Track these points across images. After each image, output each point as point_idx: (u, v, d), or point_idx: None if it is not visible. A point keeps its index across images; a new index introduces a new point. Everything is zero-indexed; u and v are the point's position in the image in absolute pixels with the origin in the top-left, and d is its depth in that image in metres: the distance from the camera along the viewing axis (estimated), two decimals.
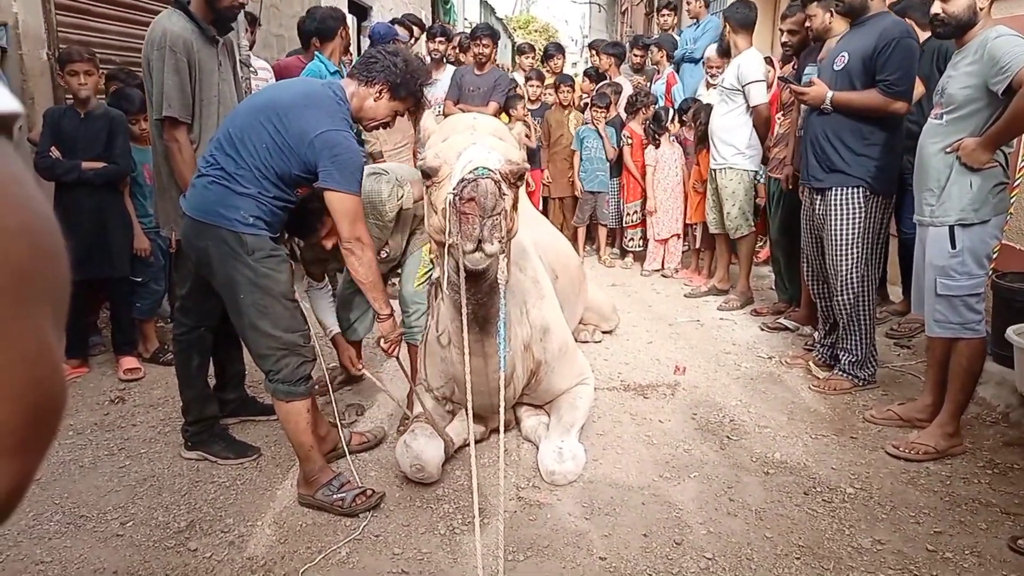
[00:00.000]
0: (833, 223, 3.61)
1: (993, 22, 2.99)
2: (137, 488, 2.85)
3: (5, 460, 0.30)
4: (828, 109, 3.56)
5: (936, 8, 2.96)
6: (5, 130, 0.30)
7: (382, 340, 2.93)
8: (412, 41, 6.05)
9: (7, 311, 0.29)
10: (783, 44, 4.76)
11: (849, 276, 3.62)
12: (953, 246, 3.00)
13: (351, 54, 5.47)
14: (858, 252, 3.58)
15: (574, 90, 6.68)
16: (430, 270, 3.36)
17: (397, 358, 3.13)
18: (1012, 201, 3.86)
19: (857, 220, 3.56)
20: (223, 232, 2.52)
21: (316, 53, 4.85)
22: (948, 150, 2.99)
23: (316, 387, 2.90)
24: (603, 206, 6.48)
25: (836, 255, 3.63)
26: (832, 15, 3.94)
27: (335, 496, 2.69)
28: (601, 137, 6.28)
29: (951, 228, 3.00)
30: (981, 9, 2.92)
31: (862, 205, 3.55)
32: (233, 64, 3.41)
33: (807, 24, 4.08)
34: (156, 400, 3.65)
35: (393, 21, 6.24)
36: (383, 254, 3.29)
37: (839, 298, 3.70)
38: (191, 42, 3.04)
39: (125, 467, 3.00)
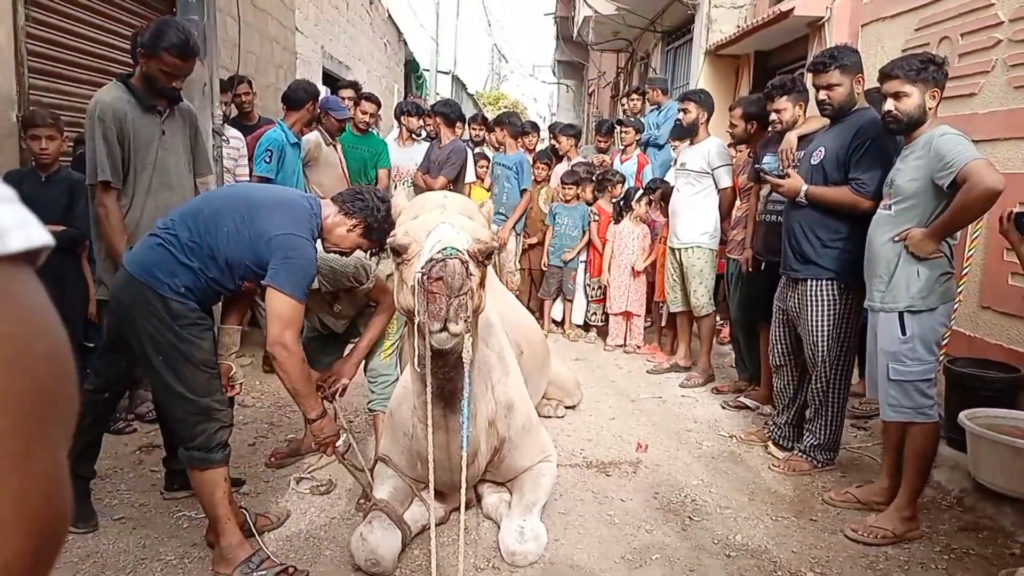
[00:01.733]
0: (808, 314, 3.67)
1: (939, 121, 3.18)
2: (79, 565, 2.72)
3: None
4: (803, 202, 3.65)
5: (889, 106, 3.12)
6: (32, 261, 0.32)
7: (314, 442, 2.86)
8: (373, 118, 6.19)
9: (34, 435, 0.30)
10: (731, 134, 5.03)
11: (823, 365, 3.68)
12: (903, 332, 3.10)
13: (316, 127, 5.54)
14: (832, 342, 3.64)
15: (550, 167, 6.88)
16: (396, 341, 3.35)
17: (338, 456, 2.99)
18: (960, 289, 4.03)
19: (831, 312, 3.62)
20: (151, 293, 2.51)
21: (279, 121, 4.96)
22: (896, 239, 3.12)
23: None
24: (569, 280, 6.57)
25: (810, 344, 3.69)
26: (802, 109, 4.14)
27: (255, 574, 2.59)
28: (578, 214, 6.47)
29: (900, 314, 3.10)
30: (929, 109, 3.10)
31: (836, 298, 3.61)
32: (192, 132, 3.51)
33: (774, 118, 4.20)
34: (103, 470, 3.51)
35: (359, 96, 6.34)
36: (336, 308, 3.30)
37: (812, 384, 3.76)
38: (123, 111, 3.25)
39: (67, 543, 2.86)
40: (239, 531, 2.70)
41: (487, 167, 6.86)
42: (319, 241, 2.81)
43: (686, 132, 5.37)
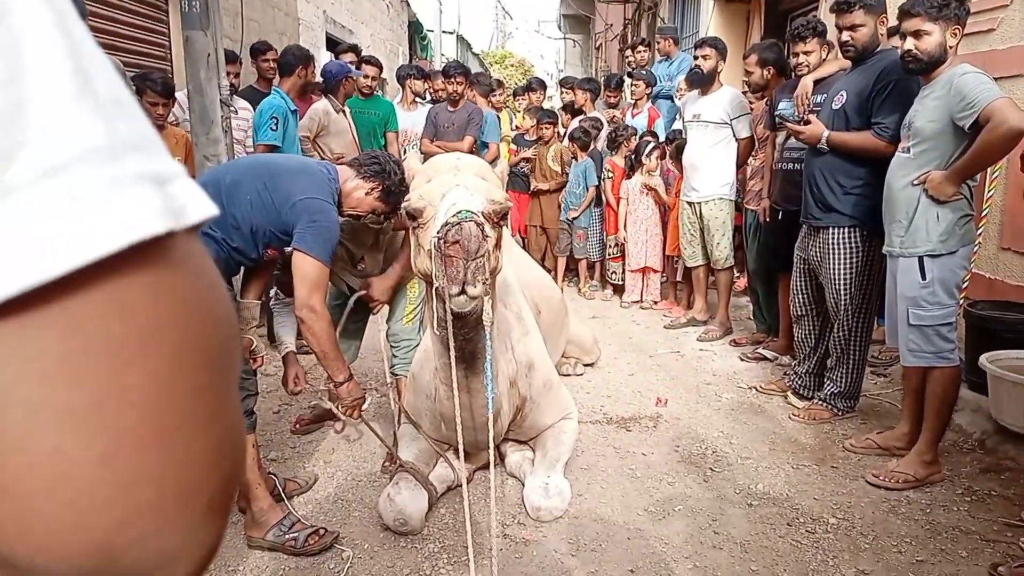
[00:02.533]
0: (830, 262, 3.64)
1: (959, 59, 3.10)
2: None
3: (219, 517, 0.35)
4: (824, 148, 3.60)
5: (909, 45, 3.03)
6: (197, 229, 0.35)
7: (338, 405, 2.86)
8: (376, 80, 6.14)
9: (225, 389, 0.35)
10: (746, 83, 4.92)
11: (845, 313, 3.66)
12: (923, 277, 3.07)
13: (318, 95, 5.49)
14: (855, 289, 3.61)
15: (555, 125, 6.82)
16: (419, 305, 3.38)
17: (364, 421, 3.02)
18: (980, 232, 3.98)
19: (854, 259, 3.59)
20: None
21: (274, 87, 4.96)
22: (915, 183, 3.07)
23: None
24: (576, 239, 6.56)
25: (833, 291, 3.67)
26: (829, 51, 4.03)
27: (287, 536, 2.66)
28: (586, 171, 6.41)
29: (920, 259, 3.07)
30: (950, 47, 3.02)
31: (858, 245, 3.57)
32: None
33: (800, 61, 4.04)
34: None
35: (360, 59, 6.27)
36: (360, 268, 3.32)
37: (834, 333, 3.75)
38: None
39: None
40: (269, 496, 2.76)
41: None
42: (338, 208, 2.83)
43: (706, 80, 5.17)
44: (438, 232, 2.25)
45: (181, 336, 0.32)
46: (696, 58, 5.24)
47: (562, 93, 7.05)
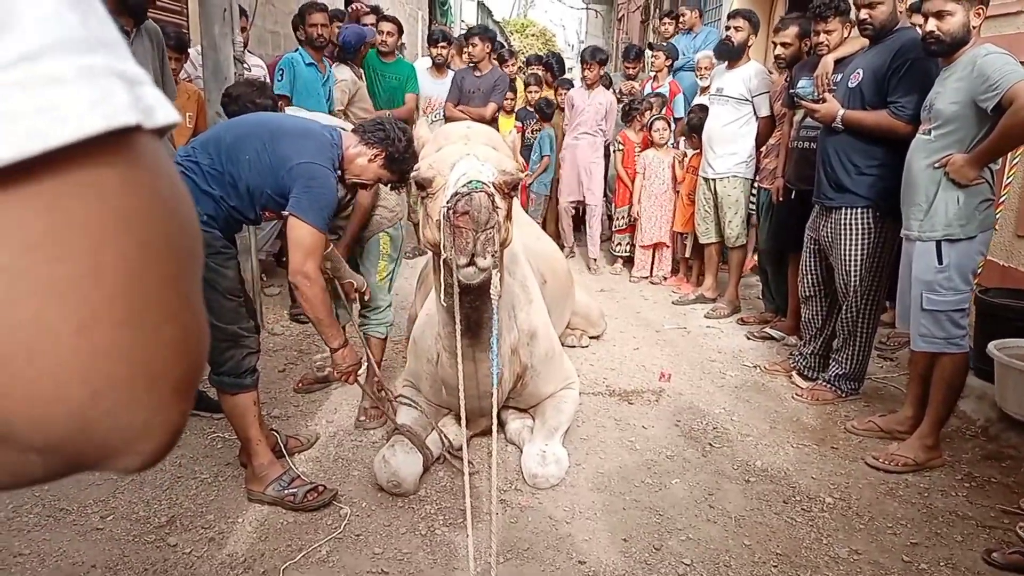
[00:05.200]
0: (842, 242, 3.60)
1: (982, 40, 3.02)
2: (118, 482, 2.84)
3: (183, 401, 0.38)
4: (839, 127, 3.54)
5: (931, 26, 2.96)
6: (162, 134, 0.38)
7: (334, 371, 2.85)
8: (397, 38, 6.04)
9: (190, 283, 0.38)
10: (776, 57, 4.80)
11: (855, 295, 3.62)
12: (940, 261, 3.03)
13: (335, 44, 5.44)
14: (865, 272, 3.57)
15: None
16: (393, 266, 3.39)
17: (360, 386, 3.04)
18: (997, 217, 3.92)
19: (866, 241, 3.54)
20: None
21: (299, 47, 4.95)
22: (936, 166, 3.02)
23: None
24: (542, 204, 6.82)
25: (843, 273, 3.63)
26: (850, 29, 3.94)
27: (286, 491, 2.69)
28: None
29: (938, 243, 3.03)
30: (973, 28, 2.95)
31: (871, 226, 3.52)
32: (160, 54, 3.42)
33: (820, 40, 3.99)
34: None
35: (379, 17, 6.17)
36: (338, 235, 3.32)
37: (842, 314, 3.72)
38: None
39: None
40: (270, 452, 2.79)
41: None
42: (339, 172, 2.79)
43: (735, 53, 5.03)
44: (447, 202, 2.23)
45: (150, 226, 0.35)
46: (728, 28, 5.11)
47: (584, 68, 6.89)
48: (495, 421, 2.38)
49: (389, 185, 2.97)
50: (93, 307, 0.33)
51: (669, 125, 5.94)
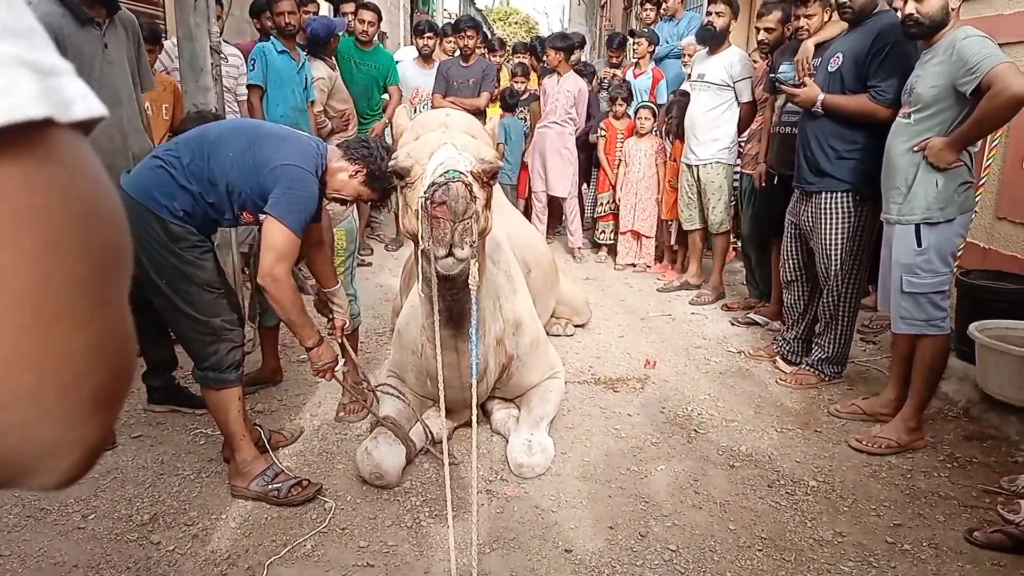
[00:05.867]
0: (822, 227, 3.60)
1: (961, 23, 3.03)
2: (100, 480, 2.81)
3: (102, 414, 0.36)
4: (819, 111, 3.53)
5: (910, 8, 2.95)
6: (87, 131, 0.36)
7: (312, 369, 2.83)
8: (374, 27, 5.95)
9: (110, 284, 0.36)
10: (759, 42, 4.79)
11: (835, 279, 3.64)
12: (919, 244, 3.04)
13: (315, 57, 5.39)
14: (846, 255, 3.58)
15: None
16: (348, 259, 3.40)
17: (339, 382, 3.03)
18: (977, 199, 3.94)
19: (846, 225, 3.55)
20: (149, 216, 2.50)
21: (271, 36, 4.92)
22: (915, 149, 3.02)
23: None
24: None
25: (824, 257, 3.64)
26: (831, 13, 3.93)
27: (270, 487, 2.67)
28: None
29: (917, 226, 3.04)
30: (952, 10, 2.95)
31: (851, 210, 3.53)
32: (135, 43, 3.39)
33: (801, 24, 3.96)
34: None
35: (358, 5, 6.06)
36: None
37: (823, 298, 3.73)
38: (57, 26, 3.04)
39: None
40: (254, 447, 2.77)
41: None
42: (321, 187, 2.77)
43: (718, 38, 5.01)
44: (425, 192, 2.21)
45: (59, 227, 0.33)
46: (709, 14, 5.11)
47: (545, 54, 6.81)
48: (475, 412, 2.38)
49: (369, 204, 2.94)
50: None
51: (654, 114, 5.92)
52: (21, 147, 0.31)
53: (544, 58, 7.34)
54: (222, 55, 4.37)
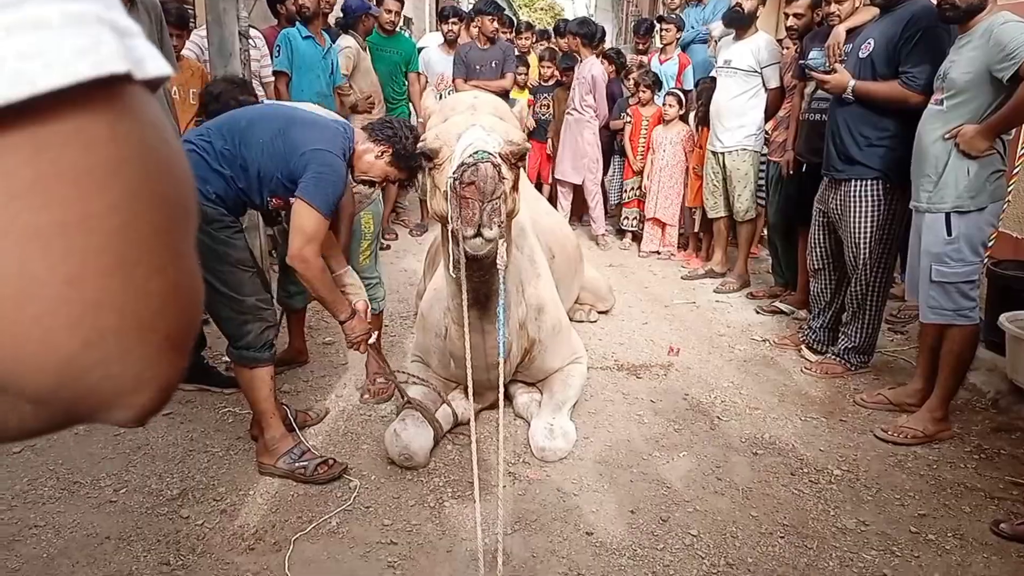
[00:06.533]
0: (851, 215, 3.56)
1: (999, 7, 2.96)
2: (131, 456, 2.88)
3: (175, 355, 0.38)
4: (849, 98, 3.49)
5: None
6: (154, 89, 0.38)
7: (346, 342, 2.86)
8: (398, 16, 5.97)
9: (182, 237, 0.38)
10: (788, 28, 4.73)
11: (864, 267, 3.59)
12: (949, 233, 3.00)
13: (346, 31, 5.41)
14: (875, 244, 3.54)
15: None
16: (373, 241, 3.41)
17: (372, 355, 3.06)
18: (1010, 189, 3.87)
19: (875, 213, 3.50)
20: None
21: (296, 22, 4.94)
22: (947, 136, 2.97)
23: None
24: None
25: (852, 246, 3.60)
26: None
27: (296, 464, 2.72)
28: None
29: (947, 215, 3.00)
30: None
31: (880, 198, 3.49)
32: (158, 27, 3.41)
33: (832, 10, 3.92)
34: None
35: None
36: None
37: (851, 287, 3.70)
38: None
39: (119, 435, 3.03)
40: (282, 426, 2.82)
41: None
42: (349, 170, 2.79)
43: (746, 21, 4.95)
44: (454, 173, 2.22)
45: (139, 177, 0.35)
46: None
47: (554, 41, 6.70)
48: (501, 390, 2.39)
49: (398, 183, 2.96)
50: (82, 257, 0.33)
51: (680, 102, 5.87)
52: (105, 100, 0.33)
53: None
54: (251, 40, 4.41)
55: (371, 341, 2.90)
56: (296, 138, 2.60)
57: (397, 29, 6.06)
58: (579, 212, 6.98)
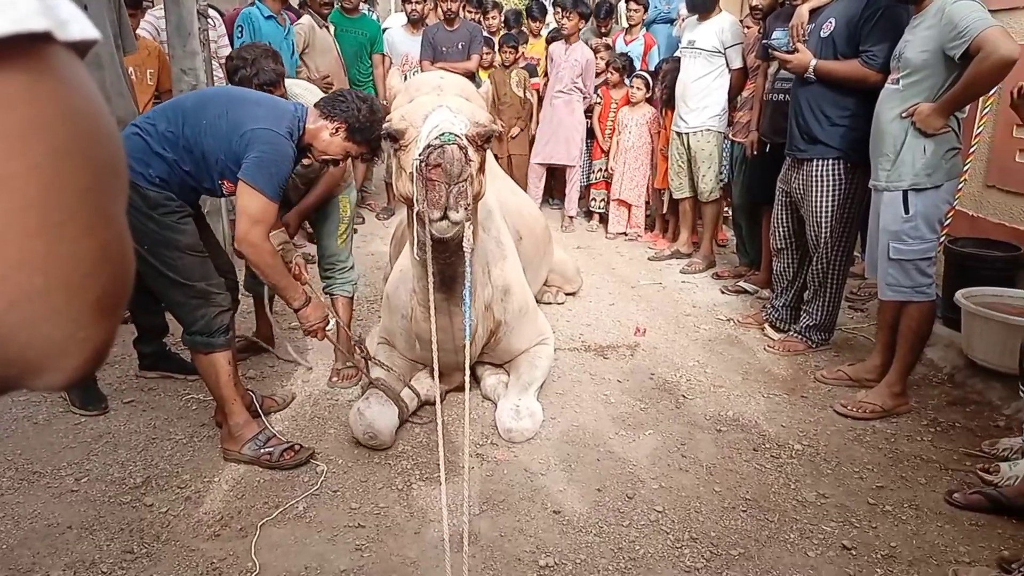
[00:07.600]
0: (813, 194, 3.61)
1: None
2: (92, 445, 2.83)
3: (106, 318, 0.38)
4: (811, 78, 3.52)
5: None
6: (82, 54, 0.37)
7: (302, 329, 2.83)
8: None
9: (110, 199, 0.37)
10: (752, 8, 4.75)
11: (825, 246, 3.65)
12: (906, 211, 3.06)
13: (305, 9, 5.32)
14: (836, 223, 3.59)
15: (516, 51, 6.52)
16: (350, 224, 3.38)
17: (330, 341, 3.01)
18: (966, 168, 3.95)
19: (836, 192, 3.55)
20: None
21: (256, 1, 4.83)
22: (903, 115, 3.02)
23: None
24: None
25: (814, 224, 3.65)
26: None
27: (262, 451, 2.70)
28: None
29: (904, 193, 3.05)
30: None
31: (842, 177, 3.53)
32: (115, 3, 3.33)
33: None
34: (112, 357, 3.60)
35: None
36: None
37: (812, 266, 3.75)
38: None
39: (80, 424, 2.98)
40: (246, 411, 2.79)
41: None
42: (309, 151, 2.74)
43: (709, 4, 4.98)
44: (420, 155, 2.20)
45: (62, 138, 0.34)
46: None
47: (556, 15, 6.63)
48: (467, 372, 2.39)
49: (361, 158, 2.89)
50: (3, 217, 0.33)
51: (648, 84, 5.88)
52: (24, 59, 0.32)
53: (552, 20, 7.16)
54: (208, 19, 4.32)
55: (329, 328, 2.86)
56: (238, 118, 2.52)
57: (360, 8, 5.96)
58: (548, 194, 6.97)
